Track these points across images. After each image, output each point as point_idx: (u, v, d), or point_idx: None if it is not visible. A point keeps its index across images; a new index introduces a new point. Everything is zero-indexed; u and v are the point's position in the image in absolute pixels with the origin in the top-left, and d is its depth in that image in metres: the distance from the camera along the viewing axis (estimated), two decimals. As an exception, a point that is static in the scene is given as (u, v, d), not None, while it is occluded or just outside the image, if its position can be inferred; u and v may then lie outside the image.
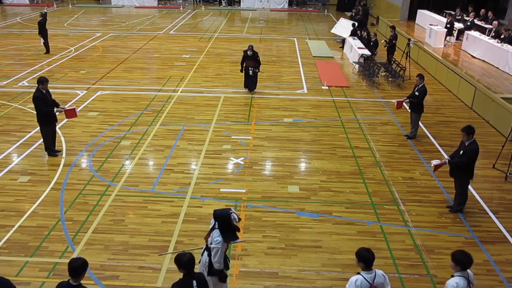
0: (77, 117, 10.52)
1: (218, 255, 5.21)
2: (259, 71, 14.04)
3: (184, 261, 4.58)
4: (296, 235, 7.43)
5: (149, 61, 18.01)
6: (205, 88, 14.59)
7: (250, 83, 14.17)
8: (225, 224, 5.25)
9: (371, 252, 4.74)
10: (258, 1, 34.12)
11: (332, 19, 29.22)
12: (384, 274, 4.82)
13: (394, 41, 16.94)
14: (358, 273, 4.75)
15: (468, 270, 4.84)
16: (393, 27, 17.62)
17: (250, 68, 13.85)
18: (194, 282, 4.62)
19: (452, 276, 4.78)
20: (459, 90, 14.37)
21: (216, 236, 5.22)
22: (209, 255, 5.34)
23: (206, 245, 5.45)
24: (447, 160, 7.97)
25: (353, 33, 19.96)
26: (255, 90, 14.22)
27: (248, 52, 13.71)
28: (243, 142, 10.78)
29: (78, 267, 4.61)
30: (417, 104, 10.75)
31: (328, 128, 11.72)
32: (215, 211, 5.39)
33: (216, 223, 5.29)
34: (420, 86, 10.66)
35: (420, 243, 7.29)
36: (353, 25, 20.46)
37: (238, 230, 5.40)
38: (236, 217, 5.32)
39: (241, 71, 14.19)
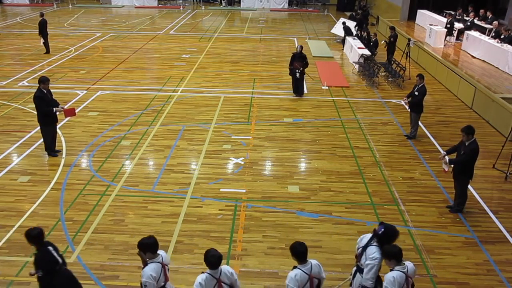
0: (76, 116, 10.53)
1: (372, 271, 4.89)
2: (305, 73, 13.83)
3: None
4: (296, 235, 7.42)
5: (149, 61, 18.01)
6: (205, 88, 14.59)
7: (298, 87, 13.85)
8: (387, 241, 4.96)
9: (304, 245, 4.77)
10: (258, 1, 34.13)
11: (332, 19, 29.23)
12: (319, 264, 4.90)
13: (392, 39, 16.93)
14: (295, 267, 4.80)
15: (408, 264, 4.81)
16: (392, 28, 17.61)
17: (297, 70, 13.59)
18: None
19: (391, 270, 4.77)
20: (459, 90, 14.37)
21: (374, 252, 4.93)
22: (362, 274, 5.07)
23: (358, 267, 5.18)
24: (447, 160, 7.92)
25: (348, 32, 20.07)
26: (303, 95, 13.90)
27: (298, 50, 13.56)
28: (243, 142, 10.78)
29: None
30: (416, 104, 10.75)
31: (328, 128, 11.72)
32: (386, 226, 5.04)
33: (374, 239, 4.99)
34: (420, 86, 10.66)
35: (420, 243, 7.29)
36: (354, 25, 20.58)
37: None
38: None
39: (290, 74, 13.90)
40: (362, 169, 9.65)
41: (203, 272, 4.75)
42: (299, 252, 4.74)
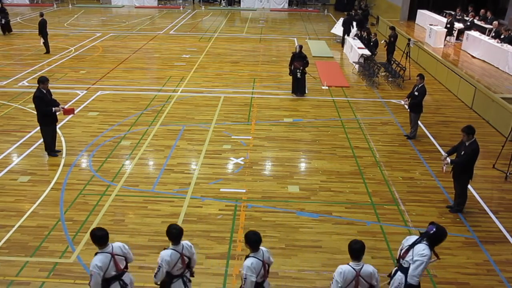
0: (75, 116, 10.52)
1: (420, 268, 4.92)
2: (306, 72, 13.85)
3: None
4: (296, 235, 7.42)
5: (149, 61, 18.01)
6: (205, 88, 14.59)
7: (299, 87, 13.87)
8: (437, 241, 5.04)
9: (258, 234, 4.93)
10: (258, 1, 34.12)
11: (332, 19, 29.22)
12: (268, 250, 5.11)
13: (392, 39, 16.92)
14: (248, 256, 4.94)
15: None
16: (392, 28, 17.60)
17: (298, 70, 13.59)
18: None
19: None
20: (459, 90, 14.37)
21: (423, 249, 4.95)
22: (404, 273, 5.07)
23: (400, 265, 5.18)
24: (449, 161, 7.92)
25: (347, 29, 20.23)
26: (304, 96, 13.91)
27: (297, 50, 13.58)
28: (243, 142, 10.78)
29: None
30: (416, 104, 10.75)
31: (328, 128, 11.72)
32: (438, 226, 5.05)
33: (423, 238, 5.03)
34: (419, 86, 10.66)
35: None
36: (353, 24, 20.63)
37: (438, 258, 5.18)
38: None
39: (290, 74, 13.92)
40: (362, 169, 9.64)
41: (165, 248, 5.06)
42: (253, 242, 4.91)
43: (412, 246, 5.09)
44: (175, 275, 5.13)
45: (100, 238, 5.01)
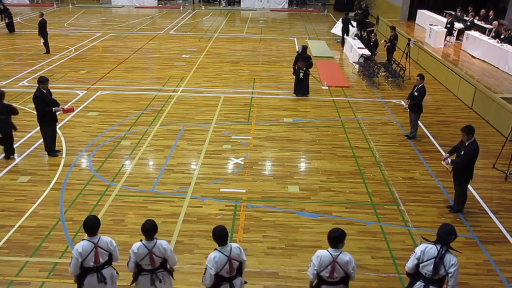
0: (75, 115, 10.50)
1: (457, 276, 4.95)
2: (309, 73, 13.84)
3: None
4: (296, 235, 7.42)
5: (149, 61, 18.01)
6: (205, 88, 14.59)
7: (301, 87, 13.85)
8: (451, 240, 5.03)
9: (225, 229, 4.96)
10: (258, 1, 34.12)
11: (332, 19, 29.22)
12: (239, 247, 5.11)
13: (395, 41, 16.91)
14: (215, 250, 5.00)
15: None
16: (393, 28, 17.60)
17: (301, 71, 13.58)
18: None
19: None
20: (459, 90, 14.37)
21: (453, 258, 4.95)
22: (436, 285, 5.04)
23: (426, 280, 5.05)
24: (449, 161, 7.92)
25: (345, 28, 20.26)
26: (308, 95, 13.90)
27: (299, 50, 13.59)
28: (243, 142, 10.78)
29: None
30: (416, 105, 10.74)
31: (328, 128, 11.72)
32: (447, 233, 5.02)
33: (444, 248, 4.97)
34: (419, 86, 10.66)
35: (420, 243, 7.27)
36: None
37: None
38: None
39: (293, 73, 13.93)
40: (362, 169, 9.64)
41: (141, 241, 5.15)
42: (217, 237, 4.97)
43: (441, 259, 4.96)
44: (144, 269, 5.18)
45: (87, 227, 5.07)
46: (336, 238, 4.93)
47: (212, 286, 5.00)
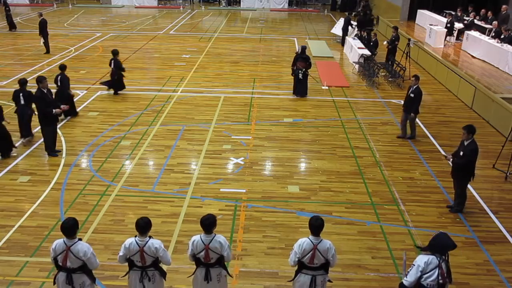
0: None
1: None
2: (308, 74, 13.83)
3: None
4: (296, 235, 7.41)
5: (149, 61, 18.01)
6: (205, 88, 14.59)
7: (300, 88, 13.84)
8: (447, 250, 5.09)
9: (211, 218, 5.11)
10: (258, 1, 34.13)
11: (332, 19, 29.23)
12: (222, 242, 5.18)
13: (396, 43, 16.88)
14: (200, 234, 5.16)
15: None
16: (395, 28, 17.56)
17: (300, 71, 13.57)
18: None
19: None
20: (459, 90, 14.37)
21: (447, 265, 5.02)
22: None
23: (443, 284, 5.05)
24: (451, 162, 7.91)
25: (345, 28, 20.27)
26: (306, 96, 13.89)
27: (298, 50, 13.58)
28: (243, 142, 10.78)
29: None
30: (413, 106, 10.70)
31: (328, 128, 11.72)
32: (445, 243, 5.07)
33: (443, 258, 5.03)
34: (414, 87, 10.64)
35: (420, 243, 7.28)
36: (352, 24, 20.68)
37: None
38: None
39: (292, 74, 13.92)
40: (362, 169, 9.64)
41: (135, 237, 5.20)
42: (203, 225, 5.10)
43: (441, 269, 5.04)
44: (136, 265, 5.24)
45: (63, 229, 5.11)
46: (320, 227, 5.07)
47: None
